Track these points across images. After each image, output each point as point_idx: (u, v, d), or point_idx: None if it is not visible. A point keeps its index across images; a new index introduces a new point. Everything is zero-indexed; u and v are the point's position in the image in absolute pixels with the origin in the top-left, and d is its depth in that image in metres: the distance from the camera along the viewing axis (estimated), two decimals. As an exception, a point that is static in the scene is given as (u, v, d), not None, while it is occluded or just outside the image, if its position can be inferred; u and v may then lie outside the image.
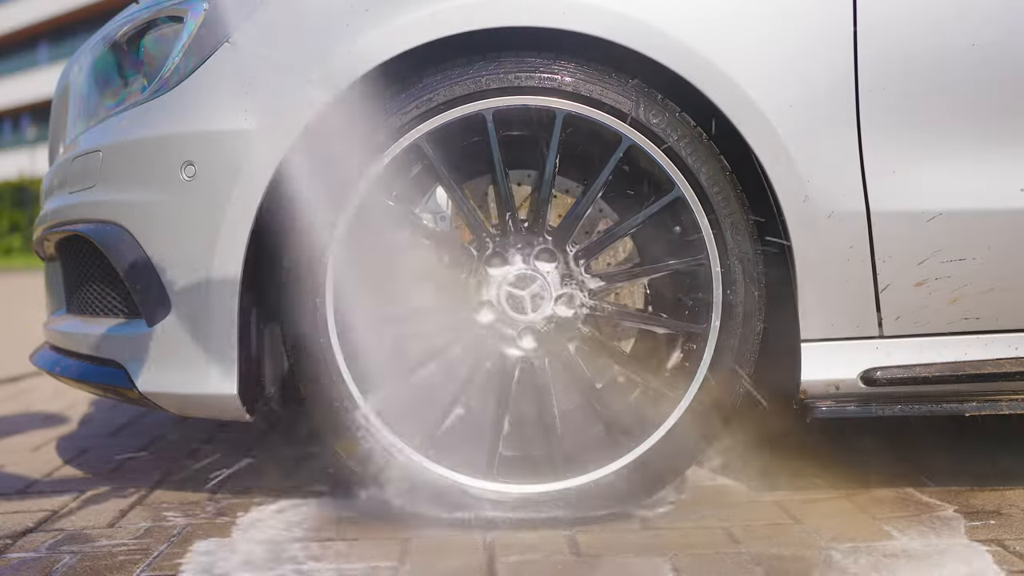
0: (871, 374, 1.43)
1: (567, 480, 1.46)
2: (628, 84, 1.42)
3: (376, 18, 1.38)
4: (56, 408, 2.70)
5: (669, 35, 1.37)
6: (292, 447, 2.05)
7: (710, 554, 1.33)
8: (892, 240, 1.40)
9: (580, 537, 1.42)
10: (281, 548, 1.40)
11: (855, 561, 1.29)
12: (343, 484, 1.75)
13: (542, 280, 1.46)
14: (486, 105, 1.42)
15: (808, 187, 1.39)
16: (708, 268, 1.45)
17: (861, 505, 1.54)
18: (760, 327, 1.46)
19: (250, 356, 1.49)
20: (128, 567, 1.34)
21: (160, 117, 1.47)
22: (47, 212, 1.75)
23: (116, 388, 1.54)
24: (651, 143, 1.43)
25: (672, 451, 1.46)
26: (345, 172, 1.42)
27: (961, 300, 1.42)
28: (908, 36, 1.39)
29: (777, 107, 1.38)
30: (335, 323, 1.44)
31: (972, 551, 1.32)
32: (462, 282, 1.48)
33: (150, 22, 1.57)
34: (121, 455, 2.04)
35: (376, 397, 1.45)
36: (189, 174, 1.42)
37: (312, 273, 1.42)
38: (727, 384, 1.45)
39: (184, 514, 1.59)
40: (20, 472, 1.92)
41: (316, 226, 1.41)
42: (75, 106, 1.76)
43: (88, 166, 1.57)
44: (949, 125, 1.40)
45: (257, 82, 1.40)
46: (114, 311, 1.60)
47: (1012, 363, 1.44)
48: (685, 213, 1.45)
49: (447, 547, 1.39)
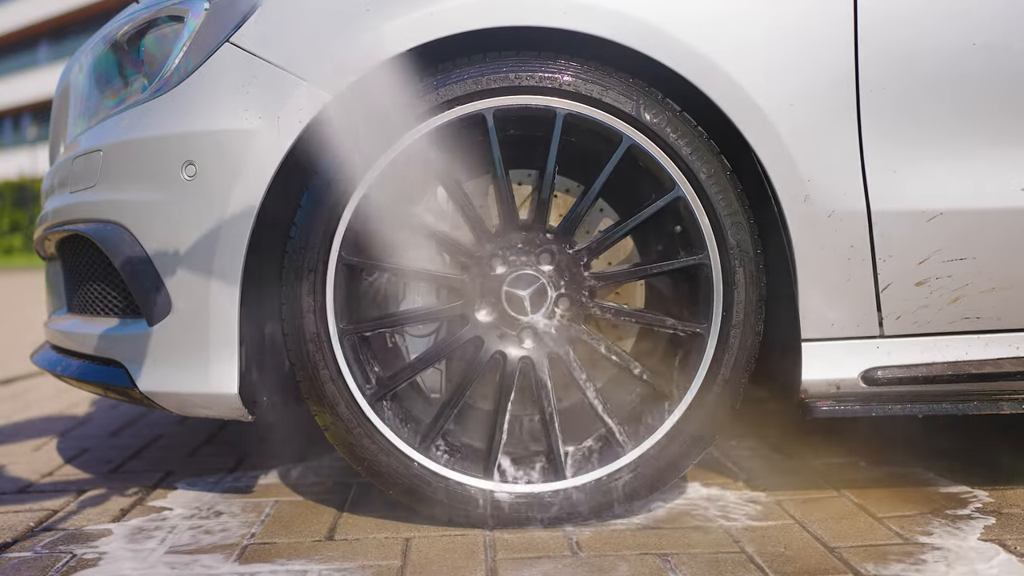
0: (872, 374, 1.43)
1: (567, 480, 1.46)
2: (629, 83, 1.42)
3: (377, 17, 1.38)
4: (56, 408, 2.70)
5: (670, 34, 1.37)
6: (291, 447, 2.05)
7: (710, 554, 1.33)
8: (893, 240, 1.40)
9: (580, 537, 1.42)
10: (282, 548, 1.40)
11: (856, 561, 1.29)
12: (342, 483, 1.75)
13: (542, 280, 1.46)
14: (487, 105, 1.42)
15: (809, 186, 1.39)
16: (708, 267, 1.45)
17: (862, 504, 1.54)
18: (760, 326, 1.46)
19: (251, 356, 1.49)
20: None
21: (161, 117, 1.47)
22: (48, 212, 1.75)
23: (117, 388, 1.54)
24: (651, 142, 1.43)
25: (672, 450, 1.46)
26: (347, 168, 1.42)
27: (962, 300, 1.42)
28: (909, 35, 1.39)
29: (778, 106, 1.38)
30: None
31: (976, 550, 1.32)
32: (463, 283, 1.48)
33: (151, 22, 1.57)
34: (121, 455, 2.04)
35: (372, 391, 1.45)
36: (190, 174, 1.42)
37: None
38: (727, 384, 1.45)
39: (184, 514, 1.59)
40: (20, 472, 1.92)
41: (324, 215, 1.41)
42: (76, 106, 1.76)
43: (89, 166, 1.57)
44: (950, 125, 1.40)
45: (258, 81, 1.41)
46: (115, 311, 1.60)
47: (1012, 363, 1.44)
48: (685, 212, 1.45)
49: (448, 546, 1.39)
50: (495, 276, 1.47)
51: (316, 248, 1.43)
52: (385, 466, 1.45)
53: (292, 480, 1.78)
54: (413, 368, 1.50)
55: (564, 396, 1.57)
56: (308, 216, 1.43)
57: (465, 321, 1.48)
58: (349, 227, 1.44)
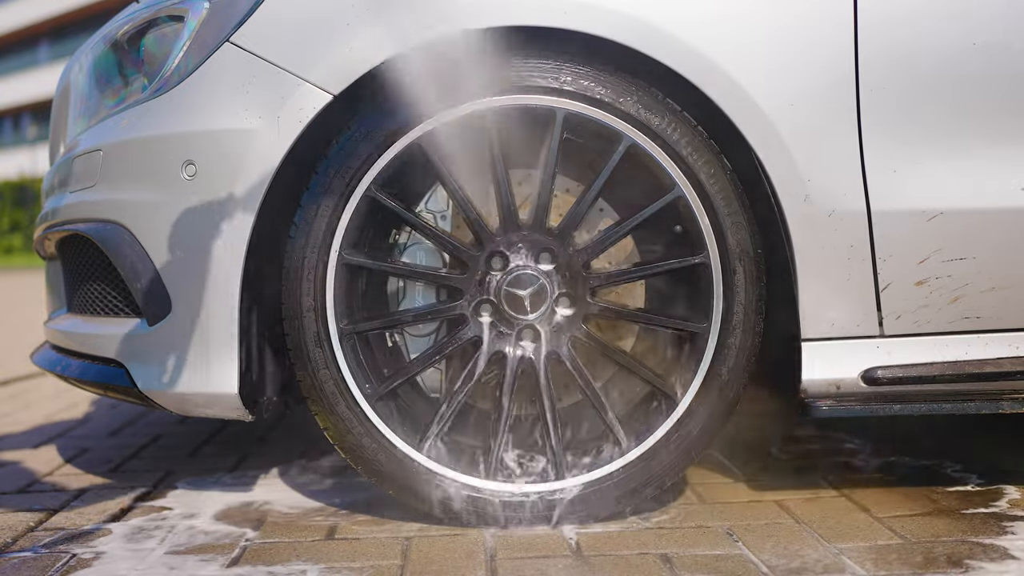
0: (872, 373, 1.43)
1: (566, 479, 1.46)
2: (629, 83, 1.42)
3: (377, 17, 1.38)
4: (56, 408, 2.70)
5: (670, 34, 1.37)
6: (291, 447, 2.05)
7: (711, 554, 1.33)
8: (893, 239, 1.40)
9: (580, 537, 1.42)
10: (282, 548, 1.40)
11: (856, 560, 1.29)
12: (342, 482, 1.75)
13: (542, 280, 1.46)
14: (486, 105, 1.42)
15: (809, 186, 1.39)
16: (708, 267, 1.45)
17: (863, 504, 1.54)
18: (760, 326, 1.46)
19: (250, 356, 1.49)
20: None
21: (161, 116, 1.47)
22: (48, 211, 1.75)
23: (117, 387, 1.54)
24: (651, 142, 1.43)
25: (672, 450, 1.46)
26: (347, 167, 1.42)
27: (962, 299, 1.42)
28: (909, 35, 1.39)
29: (778, 106, 1.38)
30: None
31: (975, 550, 1.32)
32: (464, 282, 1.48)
33: (151, 21, 1.57)
34: (121, 455, 2.04)
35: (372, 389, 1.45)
36: (190, 173, 1.42)
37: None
38: (727, 383, 1.45)
39: (184, 514, 1.59)
40: (20, 471, 1.92)
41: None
42: (76, 105, 1.76)
43: (89, 165, 1.57)
44: (950, 124, 1.40)
45: (258, 81, 1.40)
46: (115, 310, 1.60)
47: (1013, 362, 1.44)
48: (685, 212, 1.45)
49: (448, 546, 1.39)
50: (495, 276, 1.47)
51: (316, 248, 1.43)
52: (385, 465, 1.45)
53: (292, 480, 1.78)
54: (413, 368, 1.50)
55: (564, 396, 1.57)
56: (308, 215, 1.43)
57: (465, 321, 1.48)
58: (349, 226, 1.44)
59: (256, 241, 1.42)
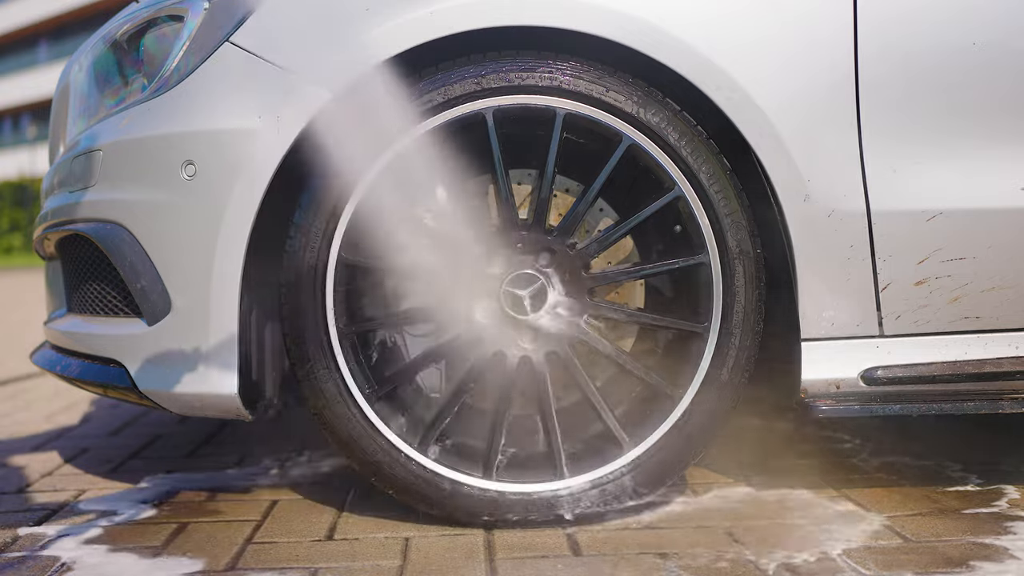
0: (872, 373, 1.43)
1: (566, 479, 1.46)
2: (629, 83, 1.42)
3: (377, 17, 1.38)
4: (56, 408, 2.70)
5: (670, 34, 1.37)
6: (291, 447, 2.05)
7: (711, 554, 1.33)
8: (892, 239, 1.40)
9: (580, 537, 1.42)
10: (282, 548, 1.40)
11: (857, 560, 1.29)
12: (342, 482, 1.75)
13: (542, 280, 1.46)
14: (486, 104, 1.42)
15: (808, 186, 1.39)
16: (708, 267, 1.45)
17: (863, 504, 1.54)
18: (760, 326, 1.46)
19: (250, 356, 1.49)
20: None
21: (160, 116, 1.47)
22: (47, 211, 1.75)
23: (116, 387, 1.54)
24: (651, 142, 1.43)
25: (672, 450, 1.46)
26: (346, 169, 1.42)
27: (961, 299, 1.42)
28: (909, 35, 1.39)
29: (778, 106, 1.38)
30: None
31: (975, 549, 1.32)
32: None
33: (150, 21, 1.57)
34: (121, 455, 2.04)
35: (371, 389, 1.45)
36: (189, 173, 1.42)
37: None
38: (727, 383, 1.45)
39: (184, 514, 1.59)
40: (19, 472, 1.92)
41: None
42: (75, 105, 1.76)
43: (88, 165, 1.57)
44: (950, 124, 1.40)
45: (258, 81, 1.40)
46: (114, 310, 1.60)
47: (1012, 362, 1.44)
48: (685, 212, 1.45)
49: (448, 546, 1.39)
50: (495, 275, 1.47)
51: (316, 248, 1.43)
52: (384, 465, 1.45)
53: (292, 480, 1.78)
54: (413, 367, 1.50)
55: (564, 395, 1.57)
56: (308, 216, 1.43)
57: (465, 321, 1.48)
58: (349, 227, 1.44)
59: (255, 240, 1.42)
